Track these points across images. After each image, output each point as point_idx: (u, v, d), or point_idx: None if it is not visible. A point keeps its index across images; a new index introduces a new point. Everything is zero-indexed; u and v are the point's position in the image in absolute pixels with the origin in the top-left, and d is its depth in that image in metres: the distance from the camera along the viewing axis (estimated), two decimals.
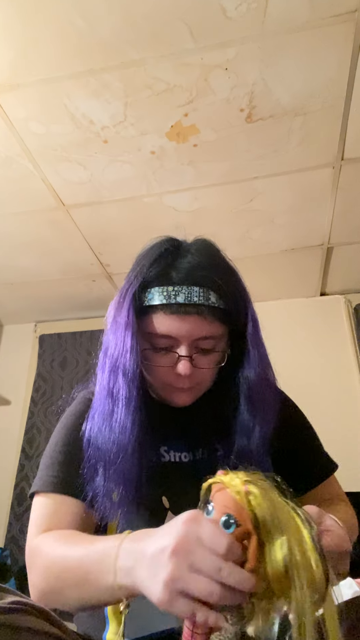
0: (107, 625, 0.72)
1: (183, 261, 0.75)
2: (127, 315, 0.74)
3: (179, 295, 0.72)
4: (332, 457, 0.92)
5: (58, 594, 0.62)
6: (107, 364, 0.75)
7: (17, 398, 2.82)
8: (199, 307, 0.72)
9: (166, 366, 0.75)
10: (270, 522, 0.47)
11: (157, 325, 0.73)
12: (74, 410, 0.85)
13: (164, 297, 0.73)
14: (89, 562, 0.58)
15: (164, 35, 1.32)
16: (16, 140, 1.65)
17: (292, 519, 0.48)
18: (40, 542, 0.68)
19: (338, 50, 1.37)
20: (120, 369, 0.73)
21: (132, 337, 0.73)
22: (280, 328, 2.58)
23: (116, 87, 1.47)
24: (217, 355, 0.77)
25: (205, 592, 0.45)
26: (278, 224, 2.11)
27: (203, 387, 0.80)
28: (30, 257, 2.34)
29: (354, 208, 2.01)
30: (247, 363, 0.78)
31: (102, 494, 0.71)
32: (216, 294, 0.73)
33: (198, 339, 0.74)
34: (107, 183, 1.86)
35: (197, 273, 0.74)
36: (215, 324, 0.74)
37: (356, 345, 2.53)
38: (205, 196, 1.94)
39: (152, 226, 2.10)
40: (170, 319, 0.72)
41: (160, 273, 0.75)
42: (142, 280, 0.75)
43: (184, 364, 0.73)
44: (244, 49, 1.36)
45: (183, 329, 0.72)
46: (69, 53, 1.37)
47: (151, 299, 0.74)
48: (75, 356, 2.81)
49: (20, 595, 0.53)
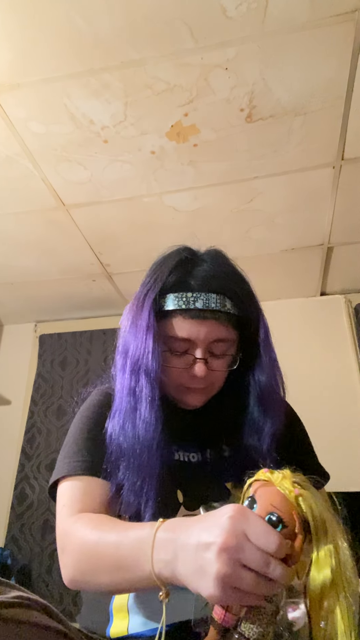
0: (111, 620, 0.73)
1: (200, 269, 0.81)
2: (147, 318, 0.78)
3: (197, 302, 0.77)
4: (325, 469, 0.93)
5: (90, 577, 0.64)
6: (128, 365, 0.79)
7: (17, 398, 2.82)
8: (215, 312, 0.78)
9: (182, 368, 0.80)
10: (320, 528, 0.48)
11: (176, 328, 0.79)
12: (94, 401, 0.88)
13: (184, 302, 0.78)
14: (124, 549, 0.60)
15: (164, 35, 1.32)
16: (16, 140, 1.65)
17: (337, 527, 0.49)
18: (74, 525, 0.70)
19: (338, 50, 1.37)
20: (142, 369, 0.77)
21: (154, 339, 0.77)
22: (280, 328, 2.56)
23: (116, 87, 1.47)
24: (229, 359, 0.82)
25: (254, 586, 0.48)
26: (278, 223, 2.11)
27: (214, 389, 0.84)
28: (30, 257, 2.34)
29: (354, 208, 2.01)
30: (259, 367, 0.83)
31: (127, 487, 0.74)
32: (231, 302, 0.79)
33: (212, 342, 0.79)
34: (107, 183, 1.86)
35: (213, 281, 0.79)
36: (230, 329, 0.80)
37: (356, 345, 2.53)
38: (205, 196, 1.94)
39: (152, 226, 2.10)
40: (189, 323, 0.78)
41: (179, 280, 0.80)
42: (161, 286, 0.80)
43: (199, 366, 0.78)
44: (244, 49, 1.36)
45: (201, 332, 0.78)
46: (69, 53, 1.37)
47: (170, 304, 0.79)
48: (75, 356, 2.81)
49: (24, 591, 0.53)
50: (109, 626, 0.72)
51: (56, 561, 2.34)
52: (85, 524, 0.69)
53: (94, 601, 0.79)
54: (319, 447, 0.95)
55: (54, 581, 2.30)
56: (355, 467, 2.16)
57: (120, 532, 0.63)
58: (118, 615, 0.73)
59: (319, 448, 0.94)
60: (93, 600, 0.79)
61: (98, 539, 0.65)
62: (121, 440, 0.76)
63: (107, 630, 0.72)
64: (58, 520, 0.73)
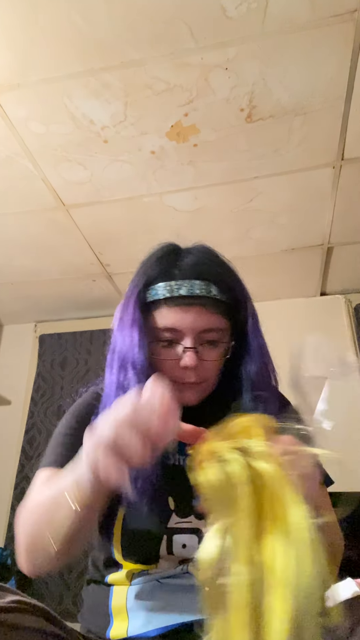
0: (111, 622, 0.73)
1: (184, 260, 0.79)
2: (133, 313, 0.77)
3: (181, 289, 0.75)
4: (329, 473, 0.86)
5: (35, 532, 0.64)
6: (116, 361, 0.78)
7: (17, 398, 2.82)
8: (201, 298, 0.75)
9: (173, 359, 0.77)
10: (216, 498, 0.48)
11: (162, 318, 0.76)
12: (80, 400, 0.88)
13: (167, 291, 0.76)
14: (57, 489, 0.60)
15: (164, 35, 1.32)
16: (16, 140, 1.65)
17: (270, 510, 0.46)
18: (25, 504, 0.70)
19: (338, 50, 1.37)
20: (129, 364, 0.76)
21: (139, 332, 0.76)
22: (280, 328, 2.57)
23: (116, 87, 1.47)
24: (222, 348, 0.78)
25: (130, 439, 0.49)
26: (278, 224, 2.11)
27: (209, 384, 0.81)
28: (30, 257, 2.34)
29: (354, 208, 2.01)
30: (249, 356, 0.80)
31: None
32: (217, 287, 0.76)
33: (202, 331, 0.76)
34: (107, 183, 1.86)
35: (198, 268, 0.77)
36: (218, 316, 0.77)
37: (356, 345, 2.53)
38: (205, 196, 1.94)
39: (152, 226, 2.10)
40: (174, 312, 0.75)
41: (163, 271, 0.78)
42: (145, 279, 0.78)
43: (189, 355, 0.75)
44: (244, 49, 1.36)
45: (186, 320, 0.75)
46: (69, 53, 1.37)
47: (155, 295, 0.77)
48: (75, 356, 2.81)
49: (21, 595, 0.53)
50: (109, 628, 0.72)
51: None
52: (35, 494, 0.69)
53: (94, 602, 0.79)
54: None
55: (53, 581, 2.30)
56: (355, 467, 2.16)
57: (60, 480, 0.63)
58: (118, 617, 0.73)
59: None
60: (93, 601, 0.79)
61: (39, 495, 0.66)
62: None
63: (107, 632, 0.72)
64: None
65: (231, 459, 0.47)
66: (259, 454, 0.47)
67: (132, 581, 0.75)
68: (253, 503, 0.45)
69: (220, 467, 0.47)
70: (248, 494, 0.45)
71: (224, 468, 0.47)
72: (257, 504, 0.45)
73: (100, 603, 0.76)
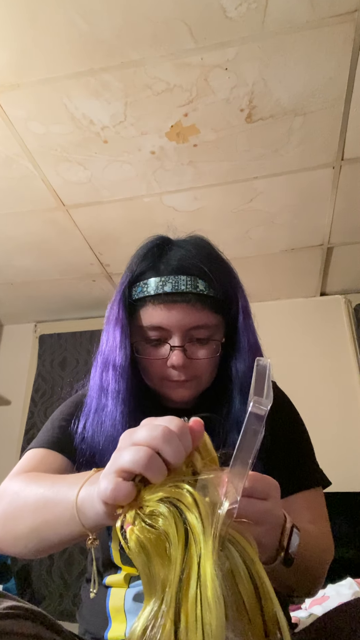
0: (109, 624, 0.72)
1: (172, 254, 0.75)
2: (117, 312, 0.75)
3: (166, 285, 0.72)
4: (325, 473, 0.84)
5: (13, 521, 0.61)
6: (100, 361, 0.76)
7: (17, 398, 2.82)
8: (186, 295, 0.71)
9: (160, 359, 0.74)
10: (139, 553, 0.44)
11: (147, 317, 0.73)
12: (70, 399, 0.87)
13: (152, 288, 0.72)
14: (54, 488, 0.58)
15: (164, 35, 1.32)
16: (16, 140, 1.65)
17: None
18: (11, 481, 0.68)
19: (338, 50, 1.37)
20: (110, 364, 0.74)
21: (122, 331, 0.73)
22: (280, 328, 2.59)
23: (116, 87, 1.47)
24: (214, 346, 0.75)
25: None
26: (278, 224, 2.11)
27: (202, 381, 0.77)
28: (30, 257, 2.34)
29: (354, 208, 2.01)
30: (239, 354, 0.76)
31: None
32: (205, 282, 0.73)
33: (190, 328, 0.73)
34: (107, 183, 1.86)
35: (184, 263, 0.73)
36: (206, 312, 0.73)
37: (356, 345, 2.53)
38: (205, 196, 1.94)
39: (152, 226, 2.10)
40: (159, 310, 0.72)
41: (149, 267, 0.75)
42: (130, 276, 0.75)
43: (176, 354, 0.72)
44: (244, 49, 1.36)
45: (172, 318, 0.72)
46: (69, 53, 1.37)
47: (140, 292, 0.74)
48: (75, 356, 2.81)
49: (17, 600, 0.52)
50: (108, 629, 0.72)
51: (56, 561, 2.34)
52: (22, 478, 0.67)
53: (93, 603, 0.79)
54: (318, 448, 0.90)
55: (53, 581, 2.30)
56: (355, 467, 2.16)
57: (55, 478, 0.62)
58: (116, 618, 0.72)
59: (318, 448, 0.89)
60: (91, 602, 0.79)
61: (26, 485, 0.63)
62: (90, 436, 0.73)
63: (105, 633, 0.72)
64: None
65: (161, 514, 0.44)
66: (191, 504, 0.44)
67: (131, 584, 0.75)
68: (181, 563, 0.42)
69: (148, 530, 0.44)
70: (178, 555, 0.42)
71: (150, 533, 0.43)
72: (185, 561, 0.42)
73: (98, 603, 0.76)
